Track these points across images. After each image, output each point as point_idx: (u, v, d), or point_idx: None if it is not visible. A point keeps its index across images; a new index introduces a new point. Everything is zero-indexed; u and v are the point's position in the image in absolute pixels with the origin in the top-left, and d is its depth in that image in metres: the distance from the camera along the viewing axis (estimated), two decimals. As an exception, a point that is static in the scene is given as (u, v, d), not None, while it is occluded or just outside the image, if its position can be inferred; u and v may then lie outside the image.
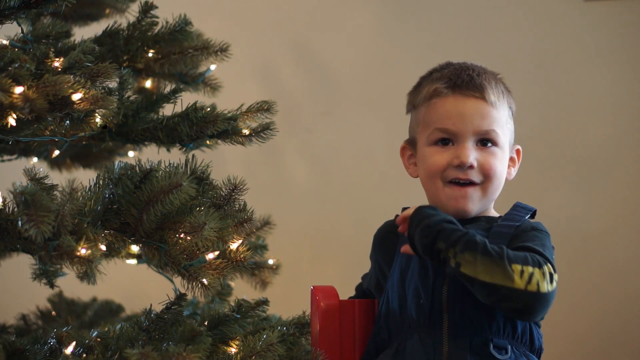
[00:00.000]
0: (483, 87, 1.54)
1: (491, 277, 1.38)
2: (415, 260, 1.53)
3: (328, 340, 1.59)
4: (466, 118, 1.53)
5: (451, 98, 1.54)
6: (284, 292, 2.21)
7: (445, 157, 1.54)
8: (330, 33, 2.89)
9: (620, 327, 2.73)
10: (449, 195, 1.54)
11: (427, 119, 1.56)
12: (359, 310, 1.62)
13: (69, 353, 1.43)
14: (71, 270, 1.32)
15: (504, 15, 2.83)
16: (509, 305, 1.41)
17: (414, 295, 1.51)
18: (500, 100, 1.55)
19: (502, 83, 1.59)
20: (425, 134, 1.56)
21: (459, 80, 1.55)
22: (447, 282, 1.49)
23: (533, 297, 1.38)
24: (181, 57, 1.86)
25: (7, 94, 1.34)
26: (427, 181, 1.57)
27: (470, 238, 1.41)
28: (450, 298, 1.48)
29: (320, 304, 1.59)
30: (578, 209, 2.74)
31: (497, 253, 1.40)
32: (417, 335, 1.49)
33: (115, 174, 1.38)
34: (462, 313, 1.48)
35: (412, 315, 1.50)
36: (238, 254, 1.41)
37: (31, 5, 1.56)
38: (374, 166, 2.84)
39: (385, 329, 1.54)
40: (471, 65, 1.59)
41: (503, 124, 1.56)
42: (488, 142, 1.55)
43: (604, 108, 2.78)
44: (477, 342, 1.47)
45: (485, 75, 1.57)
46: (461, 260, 1.40)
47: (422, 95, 1.58)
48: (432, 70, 1.62)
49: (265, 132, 1.75)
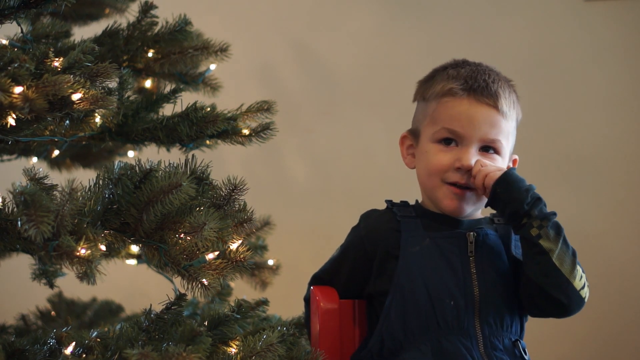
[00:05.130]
0: (498, 96, 1.54)
1: (560, 264, 1.47)
2: (437, 259, 1.52)
3: (328, 340, 1.59)
4: (476, 124, 1.53)
5: (465, 101, 1.54)
6: (284, 292, 2.21)
7: (447, 158, 1.54)
8: (330, 33, 2.89)
9: (621, 327, 2.73)
10: (446, 193, 1.55)
11: (436, 115, 1.56)
12: (359, 310, 1.62)
13: (69, 353, 1.42)
14: (71, 270, 1.32)
15: (504, 15, 2.83)
16: (556, 296, 1.48)
17: (444, 297, 1.50)
18: (510, 110, 1.56)
19: (514, 92, 1.60)
20: (431, 130, 1.56)
21: (475, 84, 1.55)
22: (477, 282, 1.51)
23: (580, 302, 1.51)
24: (181, 57, 1.85)
25: (6, 93, 1.34)
26: (425, 177, 1.57)
27: (557, 220, 1.50)
28: (482, 298, 1.50)
29: (320, 304, 1.59)
30: (578, 209, 2.74)
31: (572, 249, 1.49)
32: (452, 337, 1.48)
33: (115, 174, 1.37)
34: (493, 313, 1.50)
35: (443, 316, 1.49)
36: (238, 254, 1.41)
37: (31, 5, 1.55)
38: (374, 166, 2.84)
39: (400, 329, 1.51)
40: (487, 69, 1.59)
41: (508, 134, 1.57)
42: (491, 149, 1.56)
43: (604, 108, 2.78)
44: (507, 343, 1.50)
45: (500, 82, 1.57)
46: (544, 235, 1.47)
47: (436, 90, 1.57)
48: (447, 65, 1.61)
49: (265, 132, 1.75)
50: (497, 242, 1.56)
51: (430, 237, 1.54)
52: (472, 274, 1.51)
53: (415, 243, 1.53)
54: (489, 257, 1.54)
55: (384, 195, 1.72)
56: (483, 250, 1.54)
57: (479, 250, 1.53)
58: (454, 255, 1.53)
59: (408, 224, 1.56)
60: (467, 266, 1.52)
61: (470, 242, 1.54)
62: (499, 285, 1.52)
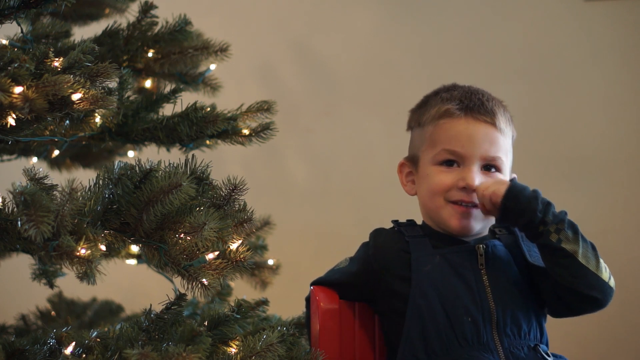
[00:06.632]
0: (494, 113, 1.55)
1: (587, 262, 1.48)
2: (450, 276, 1.52)
3: (328, 340, 1.59)
4: (475, 142, 1.54)
5: (463, 120, 1.55)
6: (284, 292, 2.21)
7: (450, 178, 1.54)
8: (330, 33, 2.89)
9: (621, 327, 2.73)
10: (451, 213, 1.55)
11: (434, 138, 1.56)
12: (359, 310, 1.62)
13: (69, 353, 1.42)
14: (71, 270, 1.32)
15: (504, 16, 2.83)
16: (590, 293, 1.49)
17: (462, 314, 1.49)
18: (507, 128, 1.57)
19: (508, 111, 1.61)
20: (431, 153, 1.56)
21: (471, 103, 1.55)
22: (491, 295, 1.51)
23: (611, 292, 1.51)
24: (181, 57, 1.85)
25: (6, 93, 1.34)
26: (428, 199, 1.57)
27: (570, 219, 1.50)
28: (498, 311, 1.50)
29: (320, 304, 1.59)
30: (578, 209, 2.73)
31: (590, 242, 1.50)
32: (473, 353, 1.47)
33: (115, 174, 1.37)
34: (510, 324, 1.50)
35: (462, 333, 1.48)
36: (238, 254, 1.40)
37: (31, 5, 1.55)
38: (374, 166, 2.84)
39: (422, 350, 1.49)
40: (479, 90, 1.60)
41: (507, 151, 1.57)
42: (492, 168, 1.56)
43: (604, 108, 2.78)
44: (526, 351, 1.49)
45: (494, 101, 1.58)
46: (564, 238, 1.47)
47: (431, 114, 1.57)
48: (438, 90, 1.62)
49: (265, 132, 1.75)
50: (505, 252, 1.56)
51: (440, 254, 1.54)
52: (485, 287, 1.51)
53: (427, 262, 1.53)
54: (500, 267, 1.54)
55: (384, 195, 1.72)
56: (493, 262, 1.54)
57: (489, 263, 1.54)
58: (466, 270, 1.53)
59: (417, 244, 1.55)
60: (479, 279, 1.52)
61: (480, 254, 1.54)
62: (512, 295, 1.52)
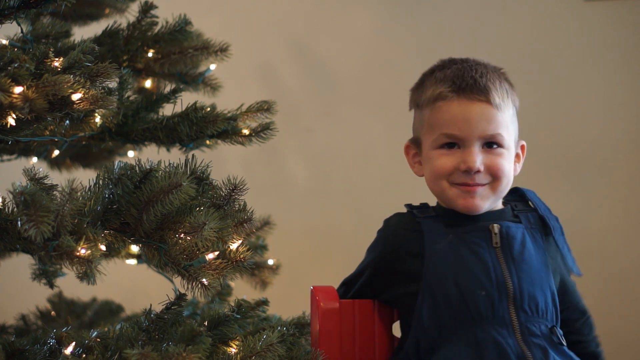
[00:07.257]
0: (488, 90, 1.53)
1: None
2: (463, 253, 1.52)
3: (328, 341, 1.59)
4: (472, 123, 1.52)
5: (456, 102, 1.53)
6: (284, 292, 2.21)
7: (451, 161, 1.53)
8: (330, 33, 2.89)
9: (621, 327, 2.73)
10: (456, 193, 1.54)
11: (432, 122, 1.56)
12: (359, 310, 1.62)
13: (69, 353, 1.42)
14: (71, 270, 1.32)
15: (504, 15, 2.83)
16: None
17: (475, 287, 1.49)
18: (505, 100, 1.55)
19: (506, 80, 1.58)
20: (431, 138, 1.56)
21: (463, 84, 1.53)
22: (508, 273, 1.50)
23: None
24: (181, 57, 1.85)
25: (6, 93, 1.34)
26: (432, 182, 1.57)
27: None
28: (515, 287, 1.49)
29: (320, 304, 1.59)
30: (578, 209, 2.74)
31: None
32: (487, 327, 1.47)
33: (115, 174, 1.37)
34: (527, 300, 1.49)
35: (476, 308, 1.48)
36: (238, 254, 1.40)
37: (31, 4, 1.55)
38: (374, 166, 2.84)
39: (434, 327, 1.50)
40: (474, 64, 1.57)
41: (508, 124, 1.55)
42: (494, 145, 1.54)
43: (604, 108, 2.78)
44: (543, 329, 1.49)
45: (489, 74, 1.55)
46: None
47: (427, 96, 1.57)
48: (434, 67, 1.60)
49: (265, 132, 1.75)
50: (521, 232, 1.55)
51: (453, 233, 1.54)
52: (501, 263, 1.51)
53: (440, 240, 1.53)
54: (516, 247, 1.53)
55: (384, 194, 1.73)
56: (508, 241, 1.53)
57: (504, 241, 1.53)
58: (481, 248, 1.52)
59: (429, 224, 1.56)
60: (494, 257, 1.51)
61: (494, 233, 1.53)
62: (529, 274, 1.51)
